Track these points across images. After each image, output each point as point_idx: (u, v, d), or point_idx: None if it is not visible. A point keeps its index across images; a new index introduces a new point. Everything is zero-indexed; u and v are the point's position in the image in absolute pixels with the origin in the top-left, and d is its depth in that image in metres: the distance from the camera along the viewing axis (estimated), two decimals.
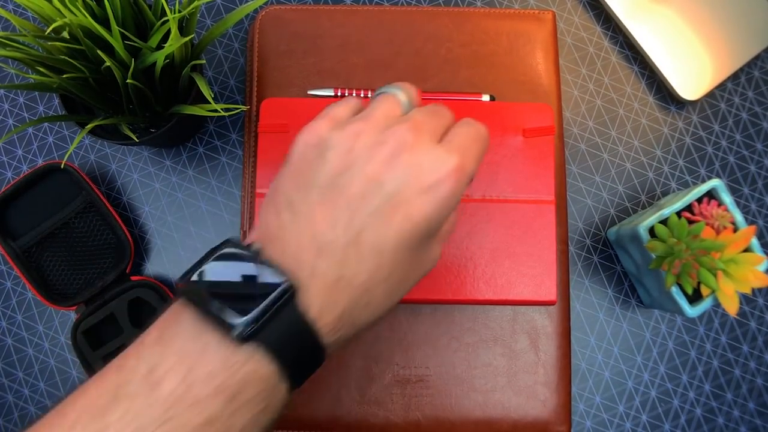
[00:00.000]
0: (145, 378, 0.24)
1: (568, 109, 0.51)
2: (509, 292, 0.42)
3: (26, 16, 0.52)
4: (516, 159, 0.43)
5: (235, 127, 0.50)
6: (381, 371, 0.45)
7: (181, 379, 0.24)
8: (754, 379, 0.48)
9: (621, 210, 0.50)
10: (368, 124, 0.28)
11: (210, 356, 0.24)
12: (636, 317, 0.49)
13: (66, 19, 0.34)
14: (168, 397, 0.23)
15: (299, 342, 0.26)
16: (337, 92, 0.46)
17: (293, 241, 0.27)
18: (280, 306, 0.25)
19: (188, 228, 0.49)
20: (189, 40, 0.39)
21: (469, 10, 0.49)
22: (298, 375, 0.26)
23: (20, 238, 0.46)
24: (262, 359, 0.25)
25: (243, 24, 0.52)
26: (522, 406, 0.44)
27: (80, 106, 0.43)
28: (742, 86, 0.51)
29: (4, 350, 0.48)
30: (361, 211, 0.27)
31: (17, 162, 0.50)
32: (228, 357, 0.24)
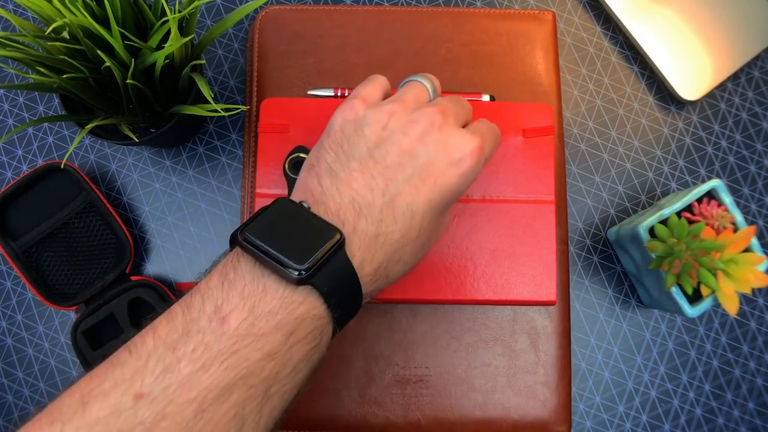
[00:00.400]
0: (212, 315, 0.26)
1: (568, 109, 0.51)
2: (509, 292, 0.42)
3: (26, 16, 0.52)
4: (516, 159, 0.43)
5: (235, 127, 0.50)
6: (381, 371, 0.45)
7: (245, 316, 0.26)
8: (754, 379, 0.48)
9: (621, 210, 0.50)
10: (401, 105, 0.32)
11: (270, 296, 0.27)
12: (636, 317, 0.49)
13: (66, 19, 0.34)
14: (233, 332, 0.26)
15: (346, 287, 0.29)
16: (337, 92, 0.46)
17: (336, 203, 0.30)
18: (331, 254, 0.28)
19: (188, 228, 0.49)
20: (189, 40, 0.39)
21: (469, 10, 0.49)
22: (342, 317, 0.29)
23: (20, 238, 0.46)
24: (316, 300, 0.28)
25: (243, 24, 0.52)
26: (522, 406, 0.44)
27: (80, 106, 0.43)
28: (742, 86, 0.51)
29: (4, 350, 0.48)
30: (396, 179, 0.30)
31: (17, 162, 0.50)
32: (286, 297, 0.27)
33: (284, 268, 0.27)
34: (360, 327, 0.45)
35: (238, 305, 0.27)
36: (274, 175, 0.43)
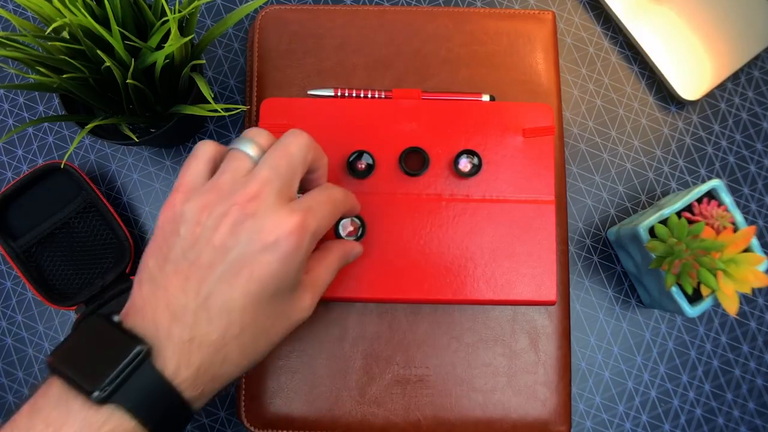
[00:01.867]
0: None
1: (568, 109, 0.51)
2: (509, 292, 0.42)
3: (26, 16, 0.52)
4: (516, 159, 0.43)
5: (235, 127, 0.50)
6: (381, 371, 0.45)
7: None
8: (754, 379, 0.48)
9: (621, 210, 0.50)
10: (214, 194, 0.31)
11: (73, 419, 0.27)
12: (636, 317, 0.49)
13: (66, 19, 0.34)
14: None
15: (157, 398, 0.28)
16: (337, 92, 0.46)
17: (152, 310, 0.30)
18: (135, 367, 0.28)
19: None
20: (189, 40, 0.39)
21: (469, 10, 0.49)
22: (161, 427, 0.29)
23: (20, 238, 0.46)
24: (122, 417, 0.28)
25: (243, 24, 0.52)
26: (522, 406, 0.44)
27: (80, 106, 0.43)
28: (742, 86, 0.51)
29: (4, 350, 0.48)
30: (209, 278, 0.30)
31: (17, 162, 0.50)
32: (89, 418, 0.27)
33: (85, 389, 0.27)
34: (360, 327, 0.45)
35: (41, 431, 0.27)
36: None
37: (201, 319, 0.30)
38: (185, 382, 0.29)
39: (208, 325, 0.30)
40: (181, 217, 0.31)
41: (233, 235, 0.30)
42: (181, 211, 0.31)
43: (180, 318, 0.29)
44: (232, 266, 0.30)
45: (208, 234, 0.30)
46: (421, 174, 0.43)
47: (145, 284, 0.31)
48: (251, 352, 0.32)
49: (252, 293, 0.30)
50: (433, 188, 0.43)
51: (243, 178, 0.32)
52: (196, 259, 0.30)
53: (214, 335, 0.30)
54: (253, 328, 0.31)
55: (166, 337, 0.29)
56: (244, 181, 0.31)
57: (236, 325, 0.30)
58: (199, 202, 0.31)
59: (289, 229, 0.30)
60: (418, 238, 0.42)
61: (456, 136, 0.43)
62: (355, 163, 0.43)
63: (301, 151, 0.33)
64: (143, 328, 0.29)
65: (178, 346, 0.29)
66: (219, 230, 0.30)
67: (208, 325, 0.30)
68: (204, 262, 0.30)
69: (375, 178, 0.43)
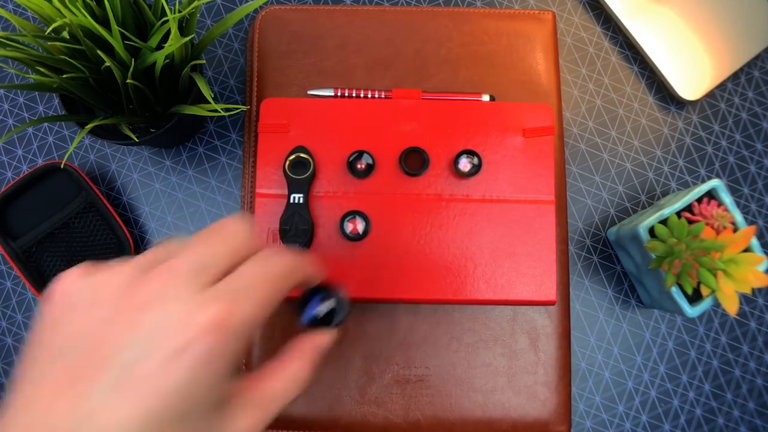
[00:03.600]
0: None
1: (568, 109, 0.51)
2: (509, 292, 0.42)
3: (26, 16, 0.52)
4: (516, 159, 0.43)
5: (235, 127, 0.50)
6: (381, 371, 0.45)
7: None
8: (754, 379, 0.48)
9: (621, 210, 0.50)
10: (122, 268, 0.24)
11: None
12: (636, 317, 0.49)
13: (66, 19, 0.34)
14: None
15: None
16: (337, 92, 0.46)
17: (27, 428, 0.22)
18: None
19: (188, 228, 0.49)
20: (189, 40, 0.39)
21: (469, 10, 0.49)
22: None
23: (20, 238, 0.46)
24: None
25: (243, 24, 0.52)
26: (522, 406, 0.44)
27: (80, 106, 0.43)
28: (742, 86, 0.51)
29: (4, 350, 0.48)
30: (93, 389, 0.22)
31: (17, 162, 0.50)
32: None
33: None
34: (360, 327, 0.45)
35: None
36: (274, 175, 0.43)
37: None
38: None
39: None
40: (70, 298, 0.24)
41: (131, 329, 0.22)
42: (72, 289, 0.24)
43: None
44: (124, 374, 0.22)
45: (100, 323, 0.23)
46: (421, 174, 0.43)
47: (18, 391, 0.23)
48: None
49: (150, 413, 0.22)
50: (433, 188, 0.43)
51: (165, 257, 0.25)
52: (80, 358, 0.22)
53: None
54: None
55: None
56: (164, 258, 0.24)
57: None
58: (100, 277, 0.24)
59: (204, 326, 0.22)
60: (418, 238, 0.42)
61: (456, 136, 0.43)
62: (355, 163, 0.43)
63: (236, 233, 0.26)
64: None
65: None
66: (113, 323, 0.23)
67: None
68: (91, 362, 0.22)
69: (375, 178, 0.43)
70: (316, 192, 0.43)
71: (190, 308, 0.23)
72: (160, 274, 0.23)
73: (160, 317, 0.22)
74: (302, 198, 0.42)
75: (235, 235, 0.25)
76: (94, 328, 0.23)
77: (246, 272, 0.25)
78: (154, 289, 0.23)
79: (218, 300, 0.23)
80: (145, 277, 0.24)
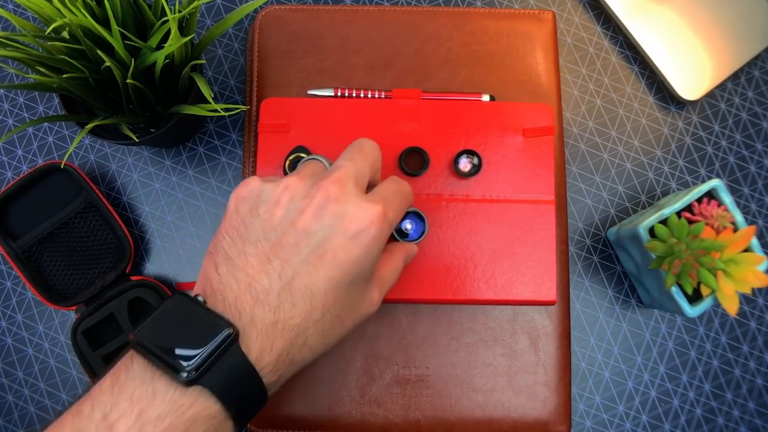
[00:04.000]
0: (100, 423, 0.26)
1: (568, 109, 0.51)
2: (509, 292, 0.42)
3: (26, 16, 0.52)
4: (516, 159, 0.43)
5: (235, 127, 0.50)
6: (381, 371, 0.45)
7: (133, 421, 0.25)
8: (754, 379, 0.48)
9: (621, 210, 0.50)
10: (295, 179, 0.31)
11: (159, 400, 0.26)
12: (636, 317, 0.49)
13: (66, 19, 0.34)
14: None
15: (241, 382, 0.28)
16: (337, 92, 0.46)
17: (232, 292, 0.29)
18: (222, 351, 0.27)
19: (188, 228, 0.49)
20: (189, 40, 0.39)
21: (469, 10, 0.49)
22: (242, 412, 0.28)
23: (20, 238, 0.46)
24: (208, 400, 0.27)
25: (243, 24, 0.52)
26: (522, 406, 0.44)
27: (80, 106, 0.43)
28: (742, 86, 0.51)
29: (4, 350, 0.48)
30: (292, 260, 0.29)
31: (17, 162, 0.50)
32: (176, 399, 0.26)
33: (172, 369, 0.26)
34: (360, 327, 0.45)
35: (126, 411, 0.26)
36: (274, 175, 0.43)
37: (284, 302, 0.29)
38: (267, 367, 0.28)
39: (291, 308, 0.29)
40: (258, 197, 0.31)
41: (317, 219, 0.30)
42: (259, 191, 0.31)
43: (263, 301, 0.29)
44: (316, 249, 0.29)
45: (290, 216, 0.30)
46: (421, 174, 0.43)
47: (221, 265, 0.30)
48: (327, 338, 0.31)
49: (334, 278, 0.30)
50: (433, 188, 0.43)
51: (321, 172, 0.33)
52: (278, 241, 0.30)
53: (297, 319, 0.29)
54: (332, 314, 0.30)
55: (249, 321, 0.28)
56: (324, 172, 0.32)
57: (318, 310, 0.30)
58: (280, 184, 0.31)
59: (371, 218, 0.30)
60: None
61: (456, 136, 0.43)
62: None
63: (373, 150, 0.34)
64: (224, 312, 0.28)
65: (261, 330, 0.28)
66: (303, 212, 0.30)
67: (292, 309, 0.29)
68: (287, 243, 0.30)
69: None
70: None
71: (361, 205, 0.30)
72: (333, 182, 0.31)
73: (339, 210, 0.30)
74: None
75: (372, 151, 0.34)
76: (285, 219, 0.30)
77: (388, 187, 0.34)
78: (330, 192, 0.30)
79: (378, 200, 0.31)
80: (319, 184, 0.31)
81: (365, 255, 0.30)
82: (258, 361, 0.28)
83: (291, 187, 0.31)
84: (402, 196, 0.34)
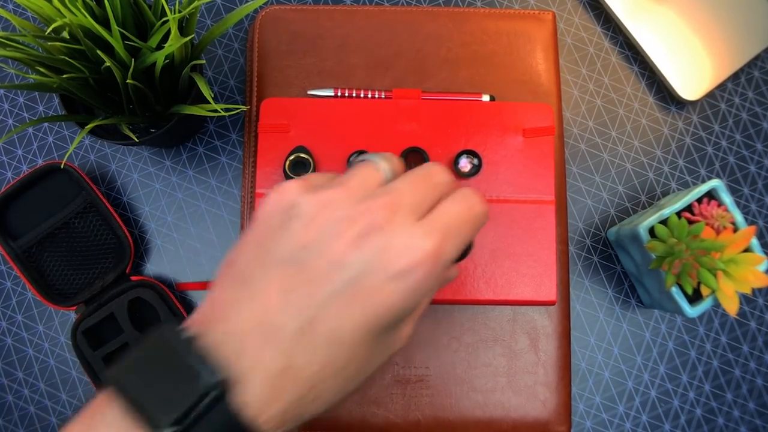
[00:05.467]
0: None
1: (568, 109, 0.51)
2: (509, 292, 0.42)
3: (26, 16, 0.52)
4: (516, 159, 0.43)
5: (235, 127, 0.50)
6: (381, 371, 0.45)
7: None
8: (754, 379, 0.48)
9: (621, 210, 0.50)
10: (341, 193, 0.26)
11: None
12: (636, 317, 0.49)
13: (66, 19, 0.34)
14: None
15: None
16: (337, 92, 0.46)
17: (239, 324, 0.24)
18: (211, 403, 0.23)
19: (188, 228, 0.49)
20: (189, 40, 0.39)
21: (469, 10, 0.49)
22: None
23: (20, 238, 0.46)
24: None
25: (243, 24, 0.52)
26: (522, 406, 0.44)
27: (80, 106, 0.43)
28: (742, 86, 0.51)
29: (4, 350, 0.48)
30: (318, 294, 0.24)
31: (17, 162, 0.50)
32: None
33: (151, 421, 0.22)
34: None
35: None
36: (274, 175, 0.43)
37: (302, 345, 0.24)
38: (270, 421, 0.24)
39: (309, 354, 0.24)
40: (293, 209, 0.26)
41: (356, 248, 0.24)
42: (295, 202, 0.26)
43: (274, 340, 0.24)
44: (348, 286, 0.24)
45: (326, 238, 0.25)
46: None
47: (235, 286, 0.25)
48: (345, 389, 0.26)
49: (367, 324, 0.24)
50: None
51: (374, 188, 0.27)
52: (306, 267, 0.25)
53: (315, 367, 0.24)
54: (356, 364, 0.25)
55: (255, 362, 0.24)
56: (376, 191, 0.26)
57: (341, 360, 0.25)
58: (321, 196, 0.26)
59: (420, 257, 0.24)
60: None
61: (456, 136, 0.43)
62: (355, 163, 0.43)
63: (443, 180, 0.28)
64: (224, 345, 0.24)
65: (267, 379, 0.24)
66: (341, 236, 0.25)
67: (310, 355, 0.24)
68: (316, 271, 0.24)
69: None
70: None
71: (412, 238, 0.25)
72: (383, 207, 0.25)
73: (384, 242, 0.24)
74: None
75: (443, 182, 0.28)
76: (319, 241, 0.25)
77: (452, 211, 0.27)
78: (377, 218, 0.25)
79: (434, 232, 0.25)
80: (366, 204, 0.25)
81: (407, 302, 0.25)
82: (259, 413, 0.23)
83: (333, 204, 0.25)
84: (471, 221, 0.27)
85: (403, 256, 0.24)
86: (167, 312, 0.45)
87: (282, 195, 0.27)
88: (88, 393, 0.48)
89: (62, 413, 0.47)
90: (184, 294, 0.49)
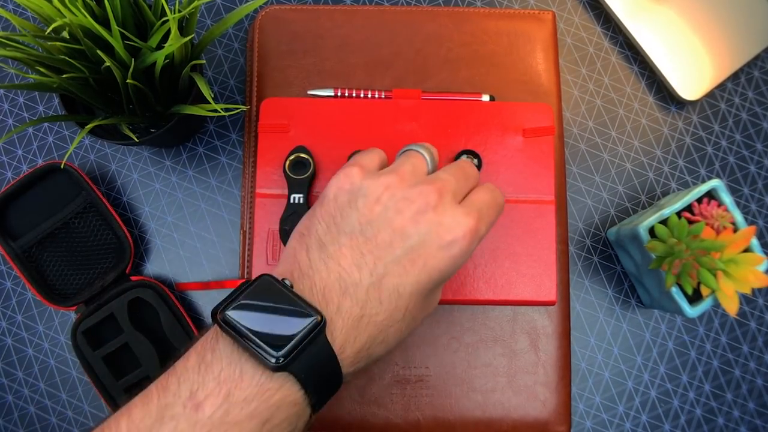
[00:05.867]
0: (187, 400, 0.26)
1: (568, 109, 0.51)
2: (509, 292, 0.42)
3: (26, 16, 0.52)
4: (516, 159, 0.43)
5: (235, 127, 0.50)
6: (381, 371, 0.45)
7: (220, 403, 0.26)
8: (754, 379, 0.48)
9: (621, 210, 0.50)
10: (397, 178, 0.32)
11: (246, 382, 0.27)
12: (636, 317, 0.49)
13: (66, 19, 0.34)
14: (207, 420, 0.26)
15: (324, 372, 0.28)
16: (337, 92, 0.46)
17: (322, 279, 0.30)
18: (311, 340, 0.27)
19: (188, 228, 0.49)
20: (189, 40, 0.39)
21: (469, 10, 0.49)
22: (320, 401, 0.29)
23: (20, 238, 0.46)
24: (293, 387, 0.27)
25: (243, 24, 0.52)
26: (522, 406, 0.44)
27: (80, 106, 0.43)
28: (742, 86, 0.51)
29: (4, 350, 0.48)
30: (385, 258, 0.30)
31: (17, 162, 0.50)
32: (263, 383, 0.27)
33: (261, 353, 0.27)
34: None
35: (213, 391, 0.26)
36: (274, 175, 0.43)
37: (372, 298, 0.29)
38: (348, 358, 0.29)
39: (378, 305, 0.30)
40: (359, 191, 0.31)
41: (415, 223, 0.30)
42: (360, 185, 0.32)
43: (351, 293, 0.29)
44: (409, 252, 0.30)
45: (389, 214, 0.31)
46: None
47: (313, 250, 0.31)
48: (402, 336, 0.32)
49: (421, 283, 0.30)
50: None
51: (423, 175, 0.33)
52: (373, 236, 0.30)
53: (382, 316, 0.30)
54: (410, 315, 0.31)
55: (336, 311, 0.29)
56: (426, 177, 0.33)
57: (401, 311, 0.30)
58: (381, 181, 0.31)
59: (464, 231, 0.31)
60: None
61: (456, 136, 0.43)
62: None
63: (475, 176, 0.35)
64: (311, 298, 0.29)
65: (347, 322, 0.29)
66: (402, 213, 0.31)
67: (378, 306, 0.30)
68: (382, 241, 0.30)
69: None
70: (317, 192, 0.43)
71: (457, 217, 0.31)
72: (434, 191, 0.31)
73: (436, 219, 0.31)
74: (302, 198, 0.42)
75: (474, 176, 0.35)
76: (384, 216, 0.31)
77: (483, 198, 0.33)
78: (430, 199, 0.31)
79: (473, 213, 0.31)
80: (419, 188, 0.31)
81: (452, 265, 0.31)
82: (340, 351, 0.29)
83: (392, 187, 0.31)
84: (496, 207, 0.34)
85: (451, 230, 0.30)
86: (167, 312, 0.45)
87: (347, 178, 0.32)
88: (88, 393, 0.48)
89: (62, 413, 0.48)
90: (184, 294, 0.49)
